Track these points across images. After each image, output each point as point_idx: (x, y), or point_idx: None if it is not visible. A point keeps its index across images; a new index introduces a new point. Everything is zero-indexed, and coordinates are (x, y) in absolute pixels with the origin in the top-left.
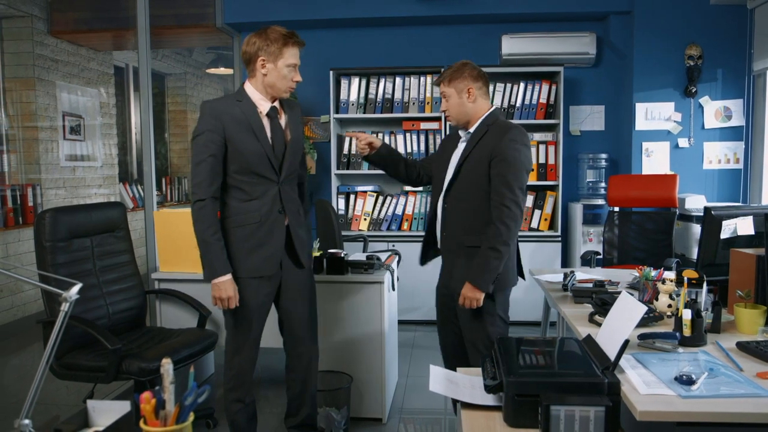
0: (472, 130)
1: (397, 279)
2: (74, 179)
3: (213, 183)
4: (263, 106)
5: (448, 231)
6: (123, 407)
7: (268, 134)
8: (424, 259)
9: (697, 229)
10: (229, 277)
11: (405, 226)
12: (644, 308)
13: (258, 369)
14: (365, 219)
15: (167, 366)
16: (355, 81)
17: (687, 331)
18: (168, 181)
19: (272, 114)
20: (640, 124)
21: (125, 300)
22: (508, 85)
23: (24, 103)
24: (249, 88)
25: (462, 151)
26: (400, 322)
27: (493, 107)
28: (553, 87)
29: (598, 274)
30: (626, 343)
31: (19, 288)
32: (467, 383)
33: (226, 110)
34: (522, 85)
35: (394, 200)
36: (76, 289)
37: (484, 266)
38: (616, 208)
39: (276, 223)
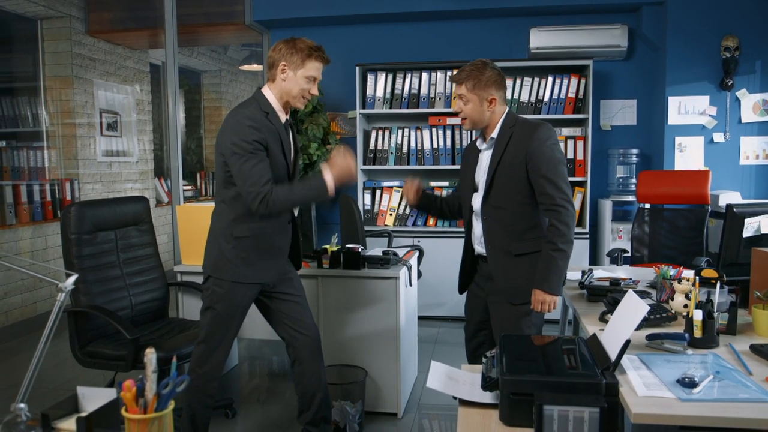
0: (494, 135)
1: (419, 275)
2: (111, 174)
3: (269, 176)
4: (282, 118)
5: (492, 244)
6: (110, 394)
7: (291, 146)
8: (463, 288)
9: None
10: (327, 176)
11: (431, 221)
12: (646, 308)
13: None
14: (391, 214)
15: (150, 356)
16: (382, 76)
17: (698, 333)
18: (202, 176)
19: (286, 126)
20: (673, 118)
21: (148, 292)
22: (536, 80)
23: (63, 101)
24: (268, 94)
25: (491, 158)
26: (425, 318)
27: (507, 108)
28: (583, 81)
29: (622, 272)
30: (627, 343)
31: (57, 278)
32: (467, 380)
33: (262, 121)
34: (550, 79)
35: None
36: (71, 280)
37: (551, 268)
38: (647, 205)
39: (286, 232)
